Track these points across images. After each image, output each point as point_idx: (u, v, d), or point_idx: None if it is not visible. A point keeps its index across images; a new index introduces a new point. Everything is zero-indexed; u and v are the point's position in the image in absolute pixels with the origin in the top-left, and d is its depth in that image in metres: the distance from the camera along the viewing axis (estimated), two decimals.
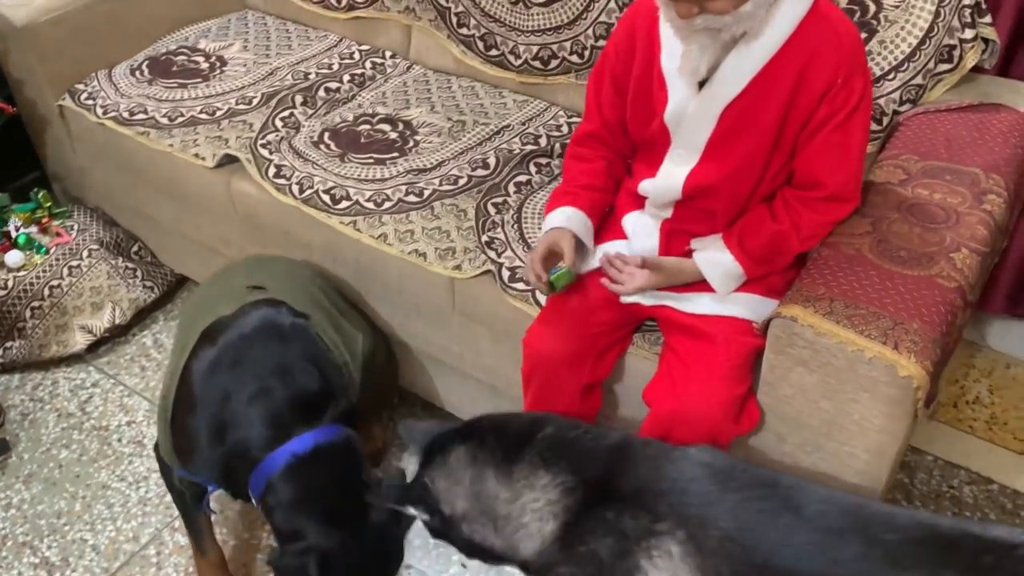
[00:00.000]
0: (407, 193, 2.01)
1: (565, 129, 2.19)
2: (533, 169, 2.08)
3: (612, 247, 1.66)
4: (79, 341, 2.37)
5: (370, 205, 1.99)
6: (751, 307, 1.55)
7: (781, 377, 1.44)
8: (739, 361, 1.48)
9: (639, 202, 1.67)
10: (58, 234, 2.43)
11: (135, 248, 2.55)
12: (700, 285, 1.58)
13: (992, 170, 1.56)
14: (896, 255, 1.41)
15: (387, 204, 1.99)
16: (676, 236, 1.64)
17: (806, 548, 1.16)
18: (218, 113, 2.31)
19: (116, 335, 2.45)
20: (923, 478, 2.03)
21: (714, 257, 1.56)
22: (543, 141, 2.15)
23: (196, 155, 2.19)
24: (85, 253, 2.42)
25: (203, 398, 1.58)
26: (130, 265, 2.49)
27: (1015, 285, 2.16)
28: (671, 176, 1.57)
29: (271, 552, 1.50)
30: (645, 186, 1.60)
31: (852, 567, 1.14)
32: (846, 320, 1.32)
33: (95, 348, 2.42)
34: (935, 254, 1.41)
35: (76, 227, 2.47)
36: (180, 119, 2.30)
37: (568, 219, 1.63)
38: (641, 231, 1.67)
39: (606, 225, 1.73)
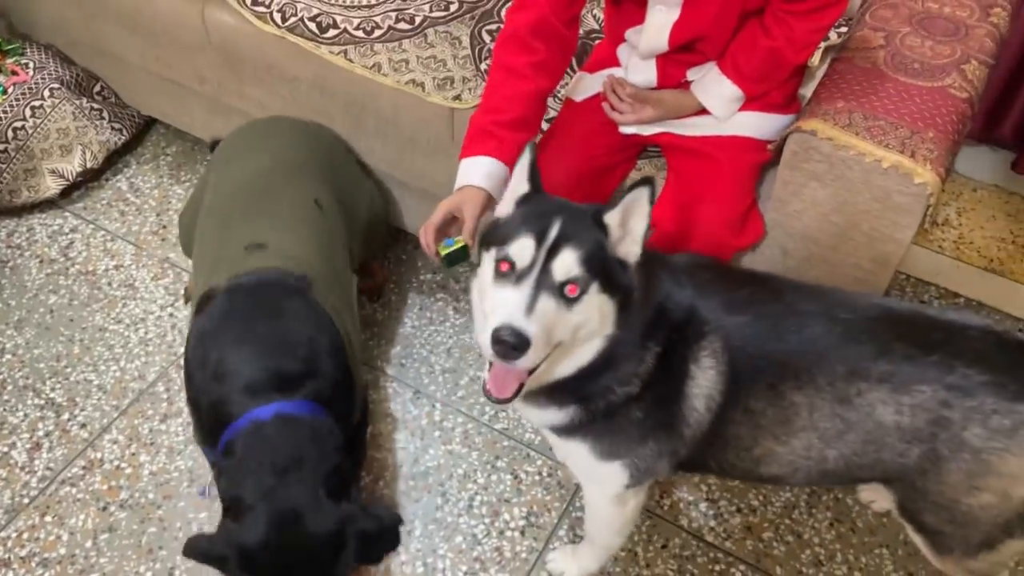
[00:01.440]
0: (397, 20, 1.93)
1: None
2: None
3: (614, 73, 1.64)
4: (51, 186, 2.27)
5: (360, 33, 1.91)
6: (752, 124, 1.57)
7: (793, 193, 1.49)
8: (743, 177, 1.51)
9: (640, 17, 1.63)
10: (14, 72, 2.27)
11: (97, 88, 2.41)
12: (700, 110, 1.59)
13: None
14: (910, 67, 1.44)
15: (377, 32, 1.91)
16: (672, 66, 1.62)
17: (790, 334, 1.24)
18: None
19: (89, 179, 2.36)
20: (896, 294, 2.15)
21: (712, 87, 1.55)
22: None
23: None
24: (46, 92, 2.27)
25: (195, 376, 1.52)
26: (95, 106, 2.36)
27: (990, 109, 2.22)
28: (656, 28, 1.52)
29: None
30: (631, 34, 1.56)
31: (815, 343, 1.22)
32: (865, 132, 1.35)
33: (68, 193, 2.33)
34: (946, 66, 1.44)
35: (32, 65, 2.31)
36: None
37: (488, 175, 1.44)
38: (636, 65, 1.64)
39: (602, 55, 1.70)
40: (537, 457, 1.86)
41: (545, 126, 1.69)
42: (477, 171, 1.45)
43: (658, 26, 1.51)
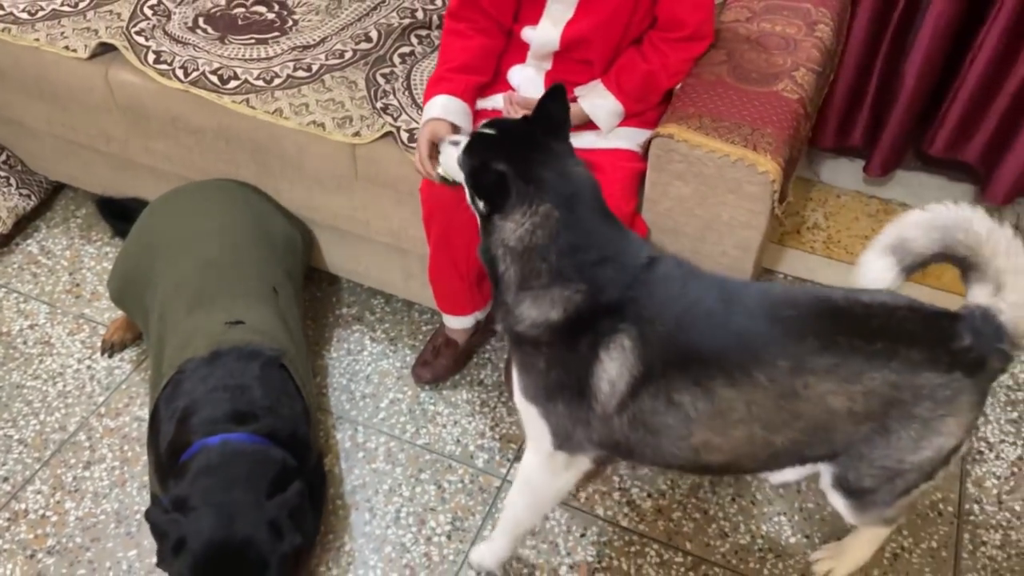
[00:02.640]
0: (295, 69, 2.07)
1: (440, 2, 2.29)
2: (415, 40, 2.18)
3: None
4: None
5: (260, 83, 2.04)
6: (631, 138, 1.76)
7: (661, 193, 1.67)
8: (626, 184, 1.69)
9: (523, 55, 1.83)
10: None
11: (2, 158, 2.46)
12: (586, 125, 1.77)
13: (821, 4, 1.82)
14: (748, 77, 1.65)
15: (277, 80, 2.05)
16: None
17: (724, 332, 1.32)
18: (81, 4, 2.25)
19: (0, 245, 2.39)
20: None
21: (597, 100, 1.74)
22: (420, 14, 2.24)
23: (66, 47, 2.14)
24: None
25: (162, 423, 1.64)
26: (2, 174, 2.40)
27: (840, 120, 2.49)
28: (550, 29, 1.73)
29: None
30: (527, 33, 1.75)
31: (753, 342, 1.30)
32: (713, 132, 1.55)
33: None
34: (779, 74, 1.66)
35: None
36: (41, 12, 2.22)
37: (444, 108, 1.70)
38: (527, 83, 1.83)
39: (494, 80, 1.88)
40: (459, 467, 1.95)
41: None
42: (435, 107, 1.71)
43: (553, 21, 1.70)
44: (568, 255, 1.33)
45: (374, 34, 2.17)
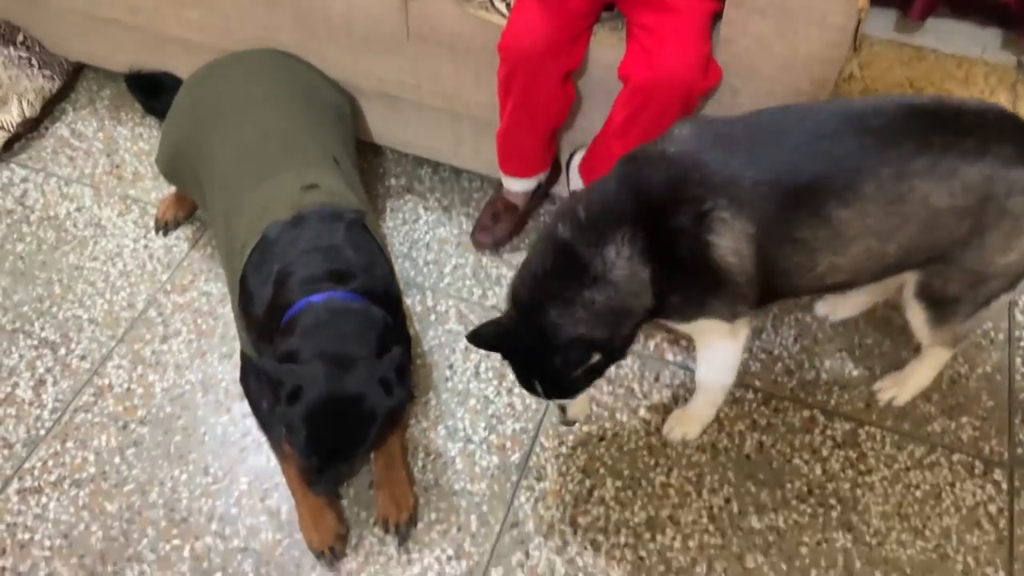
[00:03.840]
0: None
1: None
2: None
3: None
4: None
5: None
6: None
7: (739, 31, 1.65)
8: (702, 22, 1.67)
9: None
10: None
11: (20, 38, 2.35)
12: None
13: None
14: None
15: None
16: None
17: (821, 158, 1.34)
18: None
19: (28, 130, 2.31)
20: None
21: None
22: None
23: None
24: None
25: (254, 289, 1.63)
26: (22, 55, 2.30)
27: None
28: None
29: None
30: None
31: (850, 159, 1.33)
32: None
33: (10, 146, 2.28)
34: None
35: None
36: None
37: None
38: None
39: None
40: None
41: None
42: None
43: None
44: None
45: None
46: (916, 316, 1.59)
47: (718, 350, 1.63)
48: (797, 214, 1.35)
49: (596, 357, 1.43)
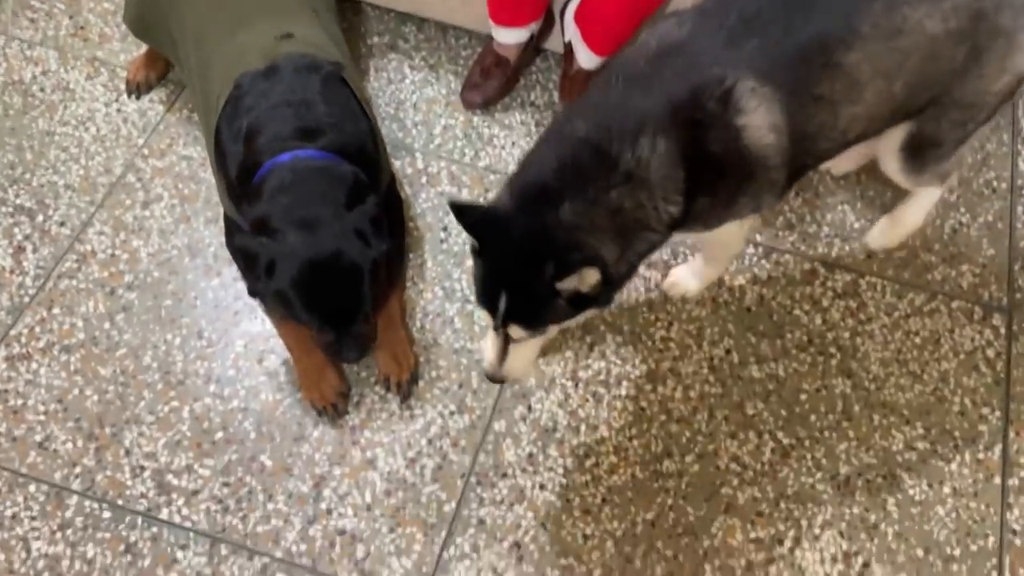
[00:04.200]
0: None
1: None
2: None
3: None
4: None
5: None
6: None
7: None
8: None
9: None
10: None
11: None
12: None
13: None
14: None
15: None
16: None
17: (808, 8, 1.29)
18: None
19: None
20: None
21: None
22: None
23: None
24: None
25: (227, 144, 1.56)
26: None
27: None
28: None
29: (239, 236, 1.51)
30: None
31: (839, 3, 1.29)
32: None
33: None
34: None
35: None
36: None
37: None
38: None
39: None
40: None
41: None
42: None
43: None
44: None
45: None
46: (899, 168, 1.56)
47: (725, 235, 1.54)
48: (812, 69, 1.30)
49: (593, 278, 1.23)
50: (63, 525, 1.51)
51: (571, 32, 1.91)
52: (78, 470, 1.56)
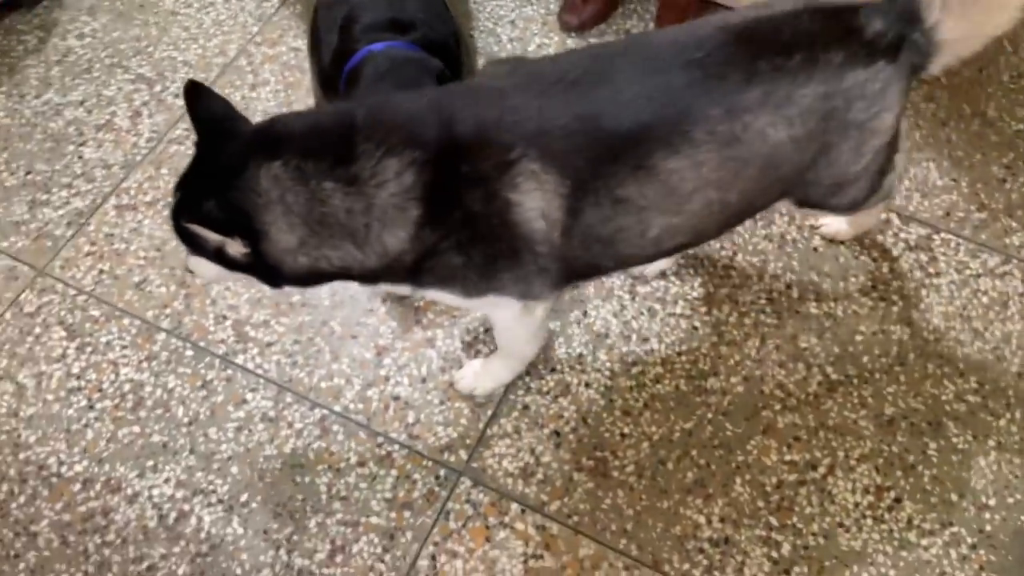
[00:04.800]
0: None
1: None
2: None
3: None
4: None
5: None
6: None
7: None
8: None
9: None
10: None
11: None
12: None
13: None
14: None
15: None
16: None
17: (640, 102, 1.16)
18: None
19: None
20: None
21: None
22: None
23: None
24: None
25: (322, 35, 1.67)
26: None
27: None
28: None
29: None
30: None
31: (675, 101, 1.16)
32: None
33: None
34: None
35: None
36: None
37: None
38: None
39: None
40: None
41: None
42: None
43: None
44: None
45: None
46: (821, 218, 1.53)
47: (510, 329, 1.44)
48: (619, 167, 1.16)
49: (236, 249, 1.14)
50: (150, 357, 1.66)
51: None
52: (168, 311, 1.71)
